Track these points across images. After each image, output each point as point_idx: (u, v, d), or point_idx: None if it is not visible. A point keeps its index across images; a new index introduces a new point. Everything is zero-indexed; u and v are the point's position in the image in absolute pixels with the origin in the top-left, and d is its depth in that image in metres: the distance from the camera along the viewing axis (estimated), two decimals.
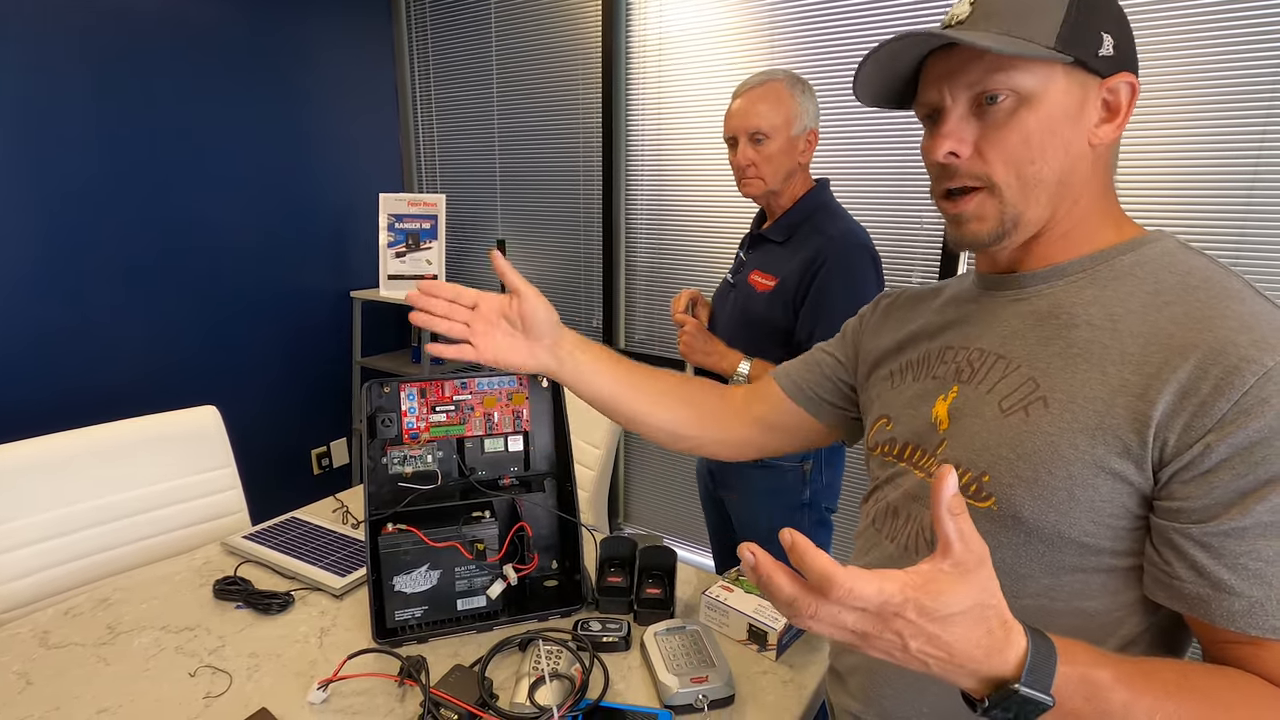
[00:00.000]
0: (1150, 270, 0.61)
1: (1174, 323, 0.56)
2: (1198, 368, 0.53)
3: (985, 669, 0.45)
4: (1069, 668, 0.46)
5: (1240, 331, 0.53)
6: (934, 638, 0.43)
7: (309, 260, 2.71)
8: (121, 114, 2.13)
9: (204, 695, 0.90)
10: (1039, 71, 0.59)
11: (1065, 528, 0.58)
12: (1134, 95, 0.61)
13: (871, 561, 0.74)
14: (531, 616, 1.07)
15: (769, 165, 1.39)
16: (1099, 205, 0.64)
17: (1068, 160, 0.61)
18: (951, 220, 0.66)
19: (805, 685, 0.96)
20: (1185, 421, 0.53)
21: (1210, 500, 0.52)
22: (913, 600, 0.41)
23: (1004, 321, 0.67)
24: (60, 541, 1.28)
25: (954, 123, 0.62)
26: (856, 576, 0.41)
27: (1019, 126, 0.60)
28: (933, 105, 0.64)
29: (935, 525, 0.43)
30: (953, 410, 0.67)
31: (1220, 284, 0.57)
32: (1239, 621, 0.52)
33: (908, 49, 0.62)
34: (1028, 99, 0.59)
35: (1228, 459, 0.52)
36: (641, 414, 0.90)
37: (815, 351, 0.92)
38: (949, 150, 0.62)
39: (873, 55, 0.63)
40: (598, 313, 2.63)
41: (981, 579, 0.43)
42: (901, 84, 0.68)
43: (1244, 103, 1.54)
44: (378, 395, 1.09)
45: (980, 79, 0.60)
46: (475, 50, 2.73)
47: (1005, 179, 0.61)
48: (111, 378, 2.21)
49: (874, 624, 0.42)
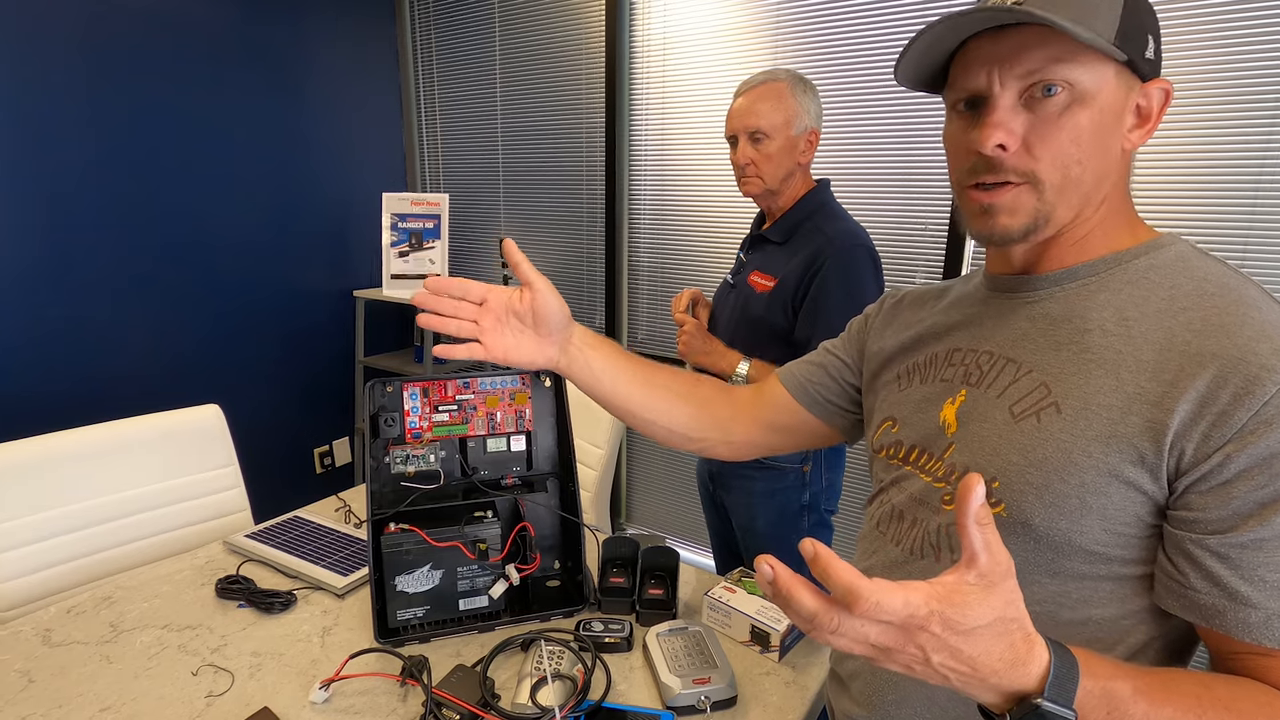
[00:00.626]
0: (1165, 275, 0.60)
1: (1190, 330, 0.55)
2: (1217, 377, 0.52)
3: (1007, 683, 0.44)
4: (1090, 681, 0.46)
5: (1260, 340, 0.52)
6: (957, 651, 0.42)
7: (312, 259, 2.71)
8: (124, 112, 2.13)
9: (206, 694, 0.90)
10: (1096, 68, 0.56)
11: (1076, 535, 0.57)
12: (1166, 102, 0.60)
13: (875, 565, 0.73)
14: (533, 617, 1.07)
15: (768, 164, 1.39)
16: (1118, 209, 0.63)
17: (1105, 163, 0.59)
18: (981, 211, 0.62)
19: (808, 687, 0.95)
20: (1204, 431, 0.52)
21: (1228, 511, 0.52)
22: (938, 613, 0.40)
23: (1013, 324, 0.66)
24: (62, 540, 1.29)
25: (1005, 112, 0.58)
26: (883, 589, 0.39)
27: (1071, 123, 0.57)
28: (974, 91, 0.60)
29: (961, 536, 0.42)
30: (961, 414, 0.67)
31: (1237, 291, 0.57)
32: (1255, 633, 0.51)
33: (969, 25, 0.58)
34: (1082, 95, 0.57)
35: (1247, 470, 0.51)
36: (651, 415, 0.89)
37: (820, 351, 0.91)
38: (999, 142, 0.58)
39: (930, 31, 0.59)
40: (600, 312, 2.63)
41: (1006, 592, 0.42)
42: (939, 66, 0.64)
43: (1250, 104, 1.53)
44: (380, 394, 1.09)
45: (1040, 68, 0.56)
46: (478, 49, 2.73)
47: (1051, 178, 0.58)
48: (114, 376, 2.21)
49: (897, 638, 0.41)
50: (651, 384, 0.89)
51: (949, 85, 0.64)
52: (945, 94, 0.65)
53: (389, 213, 2.68)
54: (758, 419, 0.92)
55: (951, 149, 0.64)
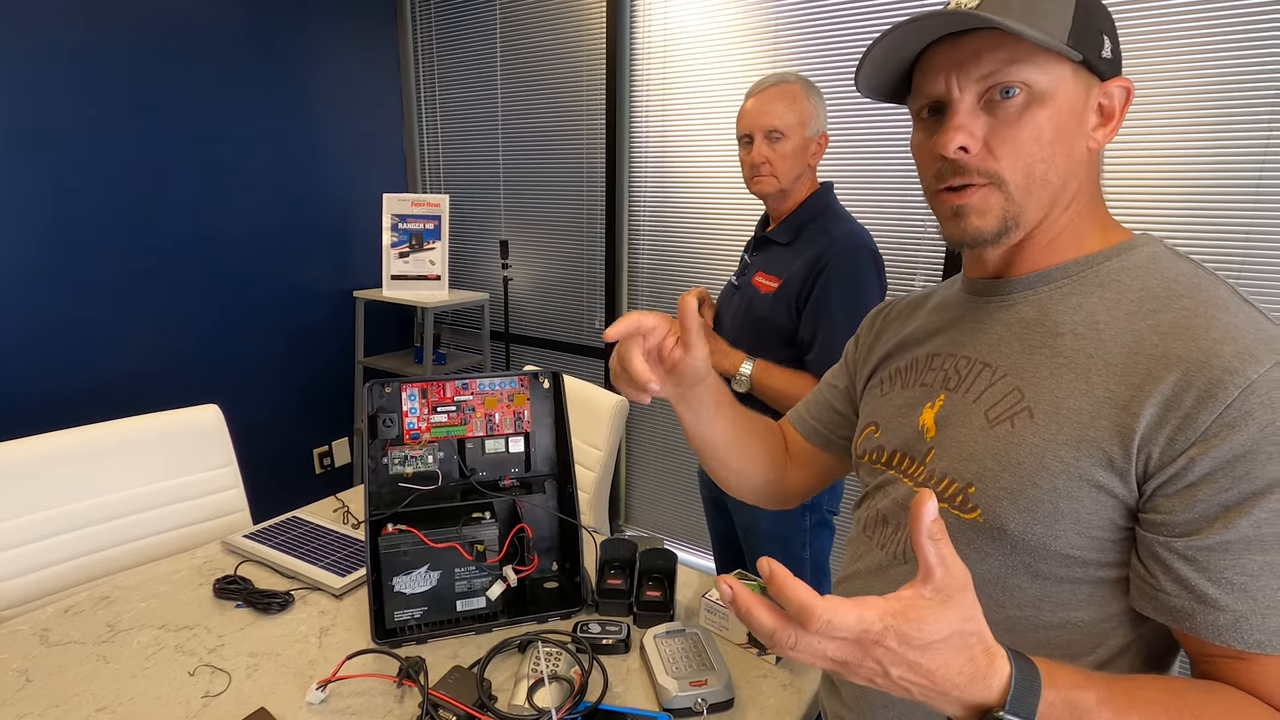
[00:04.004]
0: (1135, 277, 0.60)
1: (1158, 332, 0.55)
2: (1181, 380, 0.52)
3: (968, 696, 0.44)
4: (1053, 692, 0.46)
5: (1224, 342, 0.52)
6: (915, 665, 0.42)
7: (312, 259, 2.71)
8: (126, 112, 2.13)
9: (203, 694, 0.90)
10: (1052, 68, 0.57)
11: (1050, 540, 0.57)
12: (1128, 100, 0.61)
13: (861, 569, 0.74)
14: (531, 618, 1.07)
15: (783, 163, 1.40)
16: (1087, 210, 0.63)
17: (1070, 162, 0.60)
18: (952, 214, 0.62)
19: (804, 689, 0.95)
20: (1169, 435, 0.52)
21: (1194, 514, 0.52)
22: (892, 628, 0.41)
23: (989, 329, 0.66)
24: (61, 539, 1.29)
25: (965, 115, 0.59)
26: (834, 607, 0.40)
27: (1031, 123, 0.57)
28: (935, 97, 0.61)
29: (916, 551, 0.42)
30: (939, 419, 0.67)
31: (1206, 292, 0.56)
32: (1224, 635, 0.51)
33: (921, 32, 0.59)
34: (1040, 96, 0.57)
35: (1211, 473, 0.51)
36: (739, 464, 0.85)
37: (821, 385, 0.91)
38: (961, 145, 0.59)
39: (885, 38, 0.59)
40: (600, 314, 2.63)
41: (964, 605, 0.43)
42: (901, 75, 0.65)
43: (1248, 107, 1.53)
44: (379, 395, 1.09)
45: (996, 70, 0.57)
46: (480, 51, 2.73)
47: (1014, 177, 0.59)
48: (113, 375, 2.21)
49: (854, 652, 0.42)
50: (746, 433, 0.86)
51: (912, 94, 0.65)
52: (910, 103, 0.66)
53: (389, 213, 2.68)
54: (794, 463, 0.92)
55: (919, 157, 0.65)
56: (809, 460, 0.90)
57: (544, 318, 2.81)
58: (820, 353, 1.35)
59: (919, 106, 0.64)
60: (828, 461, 0.89)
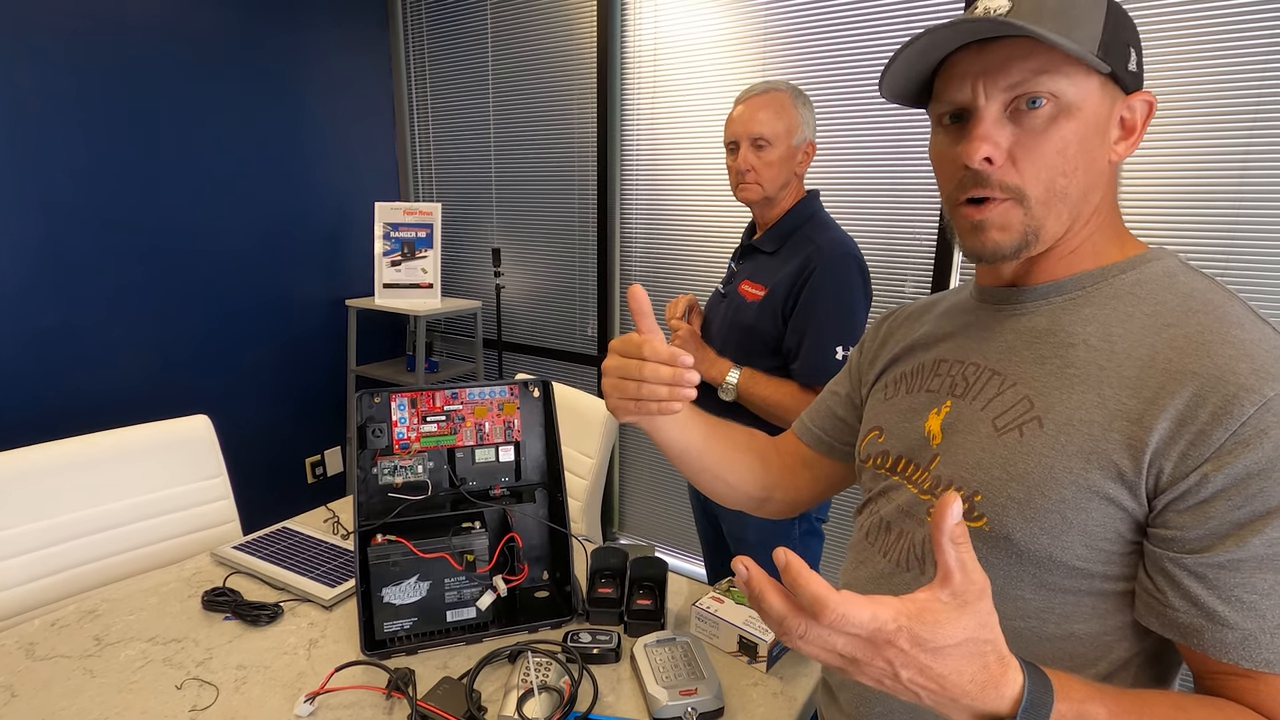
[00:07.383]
0: (1150, 290, 0.60)
1: (1172, 347, 0.55)
2: (1195, 395, 0.52)
3: (979, 705, 0.44)
4: (1065, 705, 0.45)
5: (1240, 359, 0.52)
6: (926, 669, 0.42)
7: (304, 268, 2.71)
8: (115, 121, 2.13)
9: (190, 708, 0.90)
10: (1080, 80, 0.56)
11: (1057, 551, 0.57)
12: (1150, 114, 0.60)
13: (863, 575, 0.73)
14: (521, 628, 1.06)
15: (768, 171, 1.40)
16: (1106, 223, 0.63)
17: (1091, 176, 0.59)
18: (971, 228, 0.61)
19: (795, 698, 0.95)
20: (1182, 450, 0.52)
21: (1205, 531, 0.52)
22: (906, 629, 0.40)
23: (1000, 337, 0.66)
24: (48, 552, 1.28)
25: (990, 125, 0.58)
26: (849, 601, 0.40)
27: (1056, 136, 0.57)
28: (960, 104, 0.60)
29: (936, 553, 0.42)
30: (945, 425, 0.66)
31: (1222, 308, 0.56)
32: (1232, 653, 0.51)
33: (954, 37, 0.57)
34: (1067, 108, 0.56)
35: (1224, 490, 0.51)
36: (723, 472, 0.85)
37: (825, 392, 0.91)
38: (986, 155, 0.57)
39: (918, 41, 0.58)
40: (593, 321, 2.64)
41: (980, 612, 0.42)
42: (924, 80, 0.64)
43: (1229, 114, 1.55)
44: (368, 405, 1.09)
45: (1024, 80, 0.56)
46: (471, 60, 2.74)
47: (1035, 191, 0.58)
48: (102, 386, 2.20)
49: (865, 650, 0.41)
50: (724, 439, 0.85)
51: (934, 99, 0.63)
52: (930, 107, 0.65)
53: (381, 222, 2.69)
54: (798, 472, 0.91)
55: (939, 163, 0.64)
56: (815, 468, 0.90)
57: (536, 325, 2.81)
58: (806, 361, 1.35)
59: (941, 112, 0.63)
60: (834, 468, 0.89)
